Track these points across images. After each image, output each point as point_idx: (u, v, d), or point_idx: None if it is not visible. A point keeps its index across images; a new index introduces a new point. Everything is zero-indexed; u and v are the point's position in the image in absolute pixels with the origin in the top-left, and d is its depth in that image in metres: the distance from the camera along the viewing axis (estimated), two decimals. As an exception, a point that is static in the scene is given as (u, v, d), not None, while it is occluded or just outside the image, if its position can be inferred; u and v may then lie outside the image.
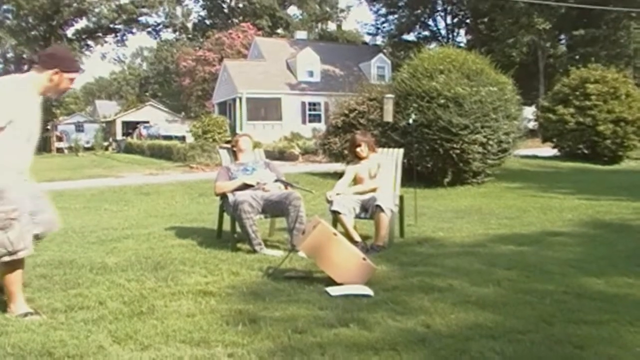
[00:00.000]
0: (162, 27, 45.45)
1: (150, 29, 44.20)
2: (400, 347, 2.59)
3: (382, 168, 5.43)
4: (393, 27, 39.80)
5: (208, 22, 49.90)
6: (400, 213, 5.54)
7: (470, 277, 3.87)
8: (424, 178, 10.53)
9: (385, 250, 4.78)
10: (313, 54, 32.59)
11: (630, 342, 2.67)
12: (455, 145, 10.48)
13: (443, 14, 39.85)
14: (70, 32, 41.15)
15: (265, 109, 30.33)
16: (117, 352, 2.59)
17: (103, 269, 4.04)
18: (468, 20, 39.27)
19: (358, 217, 5.18)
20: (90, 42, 42.43)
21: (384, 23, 40.46)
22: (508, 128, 11.06)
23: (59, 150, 37.00)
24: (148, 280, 3.86)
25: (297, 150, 19.77)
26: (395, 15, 39.28)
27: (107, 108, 49.18)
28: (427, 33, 40.25)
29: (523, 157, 15.00)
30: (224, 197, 5.23)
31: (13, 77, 3.26)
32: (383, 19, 40.32)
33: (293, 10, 50.90)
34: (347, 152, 6.23)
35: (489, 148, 10.80)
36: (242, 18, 45.42)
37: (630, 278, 3.82)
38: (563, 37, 34.84)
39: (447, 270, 4.08)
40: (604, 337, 2.71)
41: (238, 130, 25.91)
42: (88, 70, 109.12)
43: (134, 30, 43.42)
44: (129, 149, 29.57)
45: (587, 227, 6.25)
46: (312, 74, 32.42)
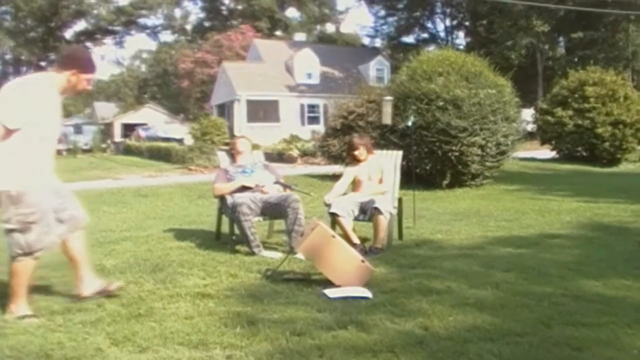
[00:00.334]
0: (160, 29, 45.68)
1: (149, 31, 44.45)
2: (399, 349, 2.59)
3: (385, 172, 5.43)
4: (392, 29, 39.90)
5: (207, 24, 49.93)
6: (399, 215, 5.55)
7: (469, 279, 3.88)
8: (423, 180, 10.53)
9: (384, 253, 4.79)
10: (312, 56, 32.59)
11: (628, 344, 2.68)
12: (454, 148, 10.48)
13: (442, 16, 39.95)
14: (69, 33, 41.28)
15: (264, 111, 30.31)
16: (115, 354, 2.59)
17: (101, 271, 4.04)
18: (467, 23, 39.33)
19: (356, 219, 5.18)
20: (89, 43, 42.47)
21: (383, 25, 40.60)
22: (507, 130, 11.06)
23: (58, 152, 36.46)
24: (146, 283, 3.86)
25: (295, 152, 19.75)
26: (394, 18, 39.35)
27: (105, 110, 49.12)
28: (426, 35, 40.39)
29: (521, 159, 14.99)
30: (223, 199, 5.23)
31: (30, 77, 3.27)
32: (382, 21, 40.45)
33: (292, 12, 51.01)
34: (345, 154, 6.23)
35: (488, 150, 10.80)
36: (241, 20, 45.45)
37: (629, 280, 3.82)
38: (562, 39, 34.92)
39: (445, 273, 4.08)
40: (602, 339, 2.72)
41: (237, 132, 25.88)
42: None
43: (133, 32, 43.72)
44: (128, 151, 29.54)
45: (585, 229, 6.25)
46: (310, 76, 32.41)
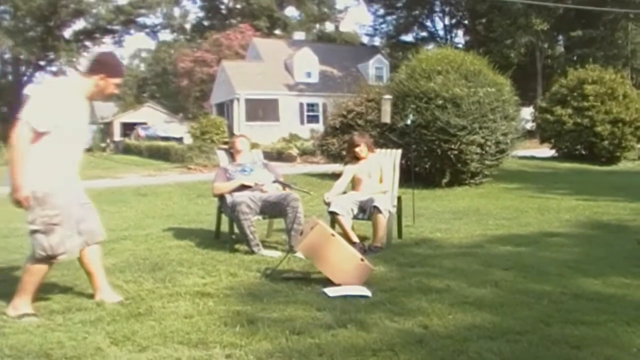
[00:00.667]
0: (160, 28, 45.54)
1: (148, 30, 44.30)
2: (398, 348, 2.59)
3: (385, 171, 5.43)
4: (391, 28, 39.91)
5: (206, 23, 49.85)
6: (398, 214, 5.55)
7: (468, 277, 3.89)
8: (422, 179, 10.53)
9: (383, 251, 4.79)
10: (311, 55, 32.57)
11: (627, 342, 2.68)
12: (453, 146, 10.48)
13: (441, 15, 39.98)
14: (68, 33, 41.19)
15: (263, 110, 30.30)
16: (114, 353, 2.59)
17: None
18: (466, 21, 39.34)
19: (356, 218, 5.18)
20: (88, 43, 42.39)
21: (382, 24, 40.63)
22: (506, 129, 11.05)
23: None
24: (146, 282, 3.86)
25: (295, 151, 19.74)
26: (393, 16, 39.36)
27: (105, 109, 49.01)
28: (425, 34, 40.42)
29: (521, 157, 15.00)
30: (222, 198, 5.23)
31: (60, 81, 3.38)
32: (381, 20, 40.48)
33: (291, 11, 50.94)
34: (345, 153, 6.23)
35: (487, 149, 10.80)
36: (240, 19, 45.39)
37: (628, 279, 3.83)
38: (561, 38, 34.93)
39: (444, 271, 4.09)
40: (601, 337, 2.72)
41: (236, 131, 25.88)
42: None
43: (132, 31, 43.54)
44: (127, 150, 29.52)
45: (584, 227, 6.26)
46: (310, 75, 32.40)
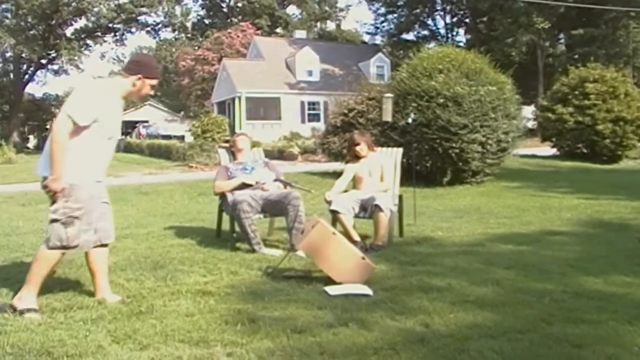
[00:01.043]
0: (161, 26, 45.25)
1: (150, 29, 44.00)
2: (399, 346, 2.59)
3: (386, 169, 5.43)
4: (392, 26, 39.79)
5: (207, 21, 49.80)
6: (400, 212, 5.55)
7: (469, 276, 3.88)
8: (423, 177, 10.53)
9: (384, 250, 4.79)
10: (312, 54, 32.56)
11: (629, 341, 2.67)
12: (455, 145, 10.47)
13: (442, 13, 39.88)
14: (69, 31, 41.03)
15: (265, 109, 30.32)
16: (116, 351, 2.59)
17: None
18: (467, 20, 39.25)
19: (357, 216, 5.18)
20: (90, 41, 42.27)
21: (383, 22, 40.48)
22: (507, 127, 11.04)
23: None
24: (147, 280, 3.86)
25: (296, 150, 19.74)
26: (395, 15, 39.27)
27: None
28: (426, 32, 40.27)
29: (522, 156, 14.99)
30: (223, 196, 5.23)
31: (100, 79, 3.50)
32: (382, 18, 40.33)
33: (292, 10, 50.87)
34: (346, 151, 6.22)
35: (488, 147, 10.79)
36: (241, 17, 45.34)
37: (629, 277, 3.82)
38: (562, 36, 34.87)
39: (446, 270, 4.08)
40: (603, 336, 2.72)
41: (237, 130, 25.89)
42: (87, 70, 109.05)
43: (133, 30, 43.22)
44: (128, 149, 29.51)
45: (586, 226, 6.25)
46: (311, 74, 32.39)
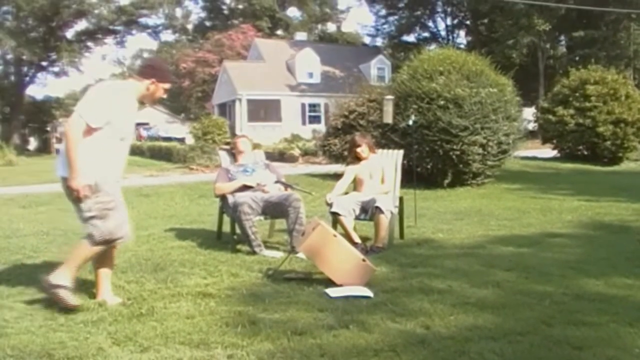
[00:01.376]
0: (161, 28, 45.44)
1: (150, 31, 44.17)
2: (400, 348, 2.59)
3: (387, 171, 5.43)
4: (393, 28, 39.86)
5: (208, 23, 49.86)
6: (400, 214, 5.55)
7: (470, 278, 3.88)
8: (424, 179, 10.53)
9: (385, 252, 4.79)
10: (313, 55, 32.59)
11: (630, 343, 2.67)
12: (455, 147, 10.47)
13: (443, 15, 39.93)
14: (70, 33, 41.14)
15: (265, 111, 30.33)
16: (116, 353, 2.59)
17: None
18: (468, 22, 39.31)
19: (358, 218, 5.18)
20: (90, 43, 42.39)
21: (384, 24, 40.55)
22: (508, 129, 11.04)
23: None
24: (148, 282, 3.86)
25: (297, 152, 19.74)
26: (395, 17, 39.32)
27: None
28: (427, 34, 40.35)
29: (523, 158, 14.98)
30: (224, 198, 5.24)
31: (114, 82, 3.56)
32: (383, 20, 40.40)
33: (293, 12, 50.92)
34: (347, 153, 6.23)
35: (489, 149, 10.79)
36: (241, 19, 45.41)
37: (630, 279, 3.82)
38: (563, 38, 34.92)
39: (446, 272, 4.08)
40: (603, 338, 2.72)
41: (238, 132, 25.90)
42: (88, 72, 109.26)
43: (134, 32, 43.43)
44: (129, 151, 29.53)
45: (586, 228, 6.25)
46: (312, 75, 32.41)
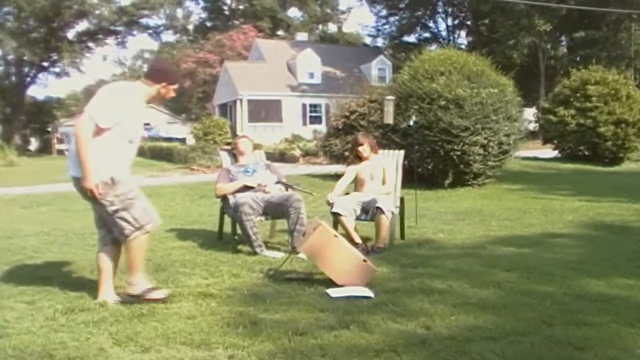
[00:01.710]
0: (162, 29, 45.49)
1: (151, 31, 44.23)
2: (401, 348, 2.59)
3: (388, 172, 5.43)
4: (394, 28, 39.84)
5: (209, 24, 49.87)
6: (401, 215, 5.55)
7: (471, 278, 3.88)
8: (425, 180, 10.53)
9: (386, 252, 4.79)
10: (314, 56, 32.58)
11: (631, 343, 2.67)
12: (456, 147, 10.47)
13: (444, 16, 39.91)
14: (71, 34, 41.19)
15: (266, 111, 30.33)
16: (117, 354, 2.59)
17: (104, 271, 4.03)
18: (469, 22, 39.30)
19: (358, 218, 5.18)
20: (91, 43, 42.45)
21: (385, 25, 40.53)
22: (509, 129, 11.04)
23: (60, 152, 36.99)
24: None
25: (297, 152, 19.74)
26: (396, 17, 39.30)
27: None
28: (427, 35, 40.34)
29: (524, 158, 14.98)
30: (225, 199, 5.24)
31: (123, 83, 3.58)
32: (384, 21, 40.37)
33: (294, 12, 50.90)
34: (348, 153, 6.22)
35: (490, 150, 10.79)
36: (242, 20, 45.42)
37: (631, 280, 3.82)
38: (564, 38, 34.89)
39: (447, 272, 4.08)
40: (605, 338, 2.71)
41: (239, 132, 25.90)
42: (89, 73, 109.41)
43: (135, 32, 43.48)
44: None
45: (587, 228, 6.25)
46: (312, 76, 32.40)
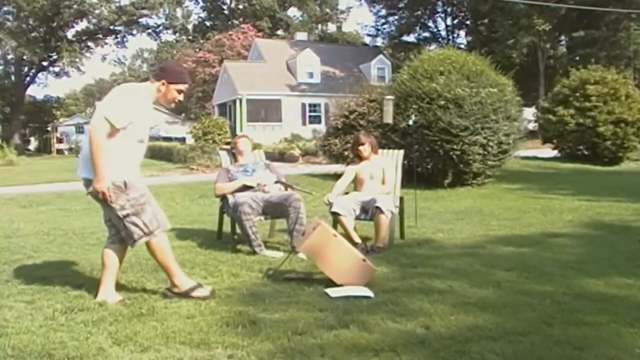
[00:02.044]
0: (162, 28, 45.39)
1: (151, 31, 44.12)
2: (400, 348, 2.59)
3: (387, 172, 5.43)
4: (393, 28, 39.82)
5: (208, 23, 49.84)
6: (401, 214, 5.55)
7: (470, 278, 3.88)
8: (424, 179, 10.53)
9: (385, 252, 4.79)
10: (313, 55, 32.57)
11: (630, 343, 2.67)
12: (456, 147, 10.47)
13: (443, 15, 39.89)
14: (71, 33, 41.15)
15: (266, 111, 30.33)
16: (117, 353, 2.59)
17: (103, 271, 4.03)
18: (468, 22, 39.27)
19: (358, 218, 5.18)
20: (91, 43, 42.38)
21: (384, 24, 40.50)
22: (508, 129, 11.05)
23: (59, 152, 37.03)
24: (148, 282, 3.86)
25: (297, 152, 19.75)
26: (395, 17, 39.29)
27: (107, 110, 48.99)
28: (427, 34, 40.30)
29: (523, 158, 15.00)
30: (224, 198, 5.24)
31: (135, 84, 3.63)
32: (383, 20, 40.35)
33: (293, 12, 50.87)
34: (347, 152, 6.23)
35: (489, 149, 10.79)
36: (242, 19, 45.41)
37: (630, 279, 3.82)
38: (563, 38, 34.89)
39: (447, 272, 4.08)
40: (604, 338, 2.71)
41: (238, 132, 25.89)
42: (88, 72, 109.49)
43: (134, 32, 43.33)
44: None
45: (587, 228, 6.25)
46: (312, 75, 32.40)
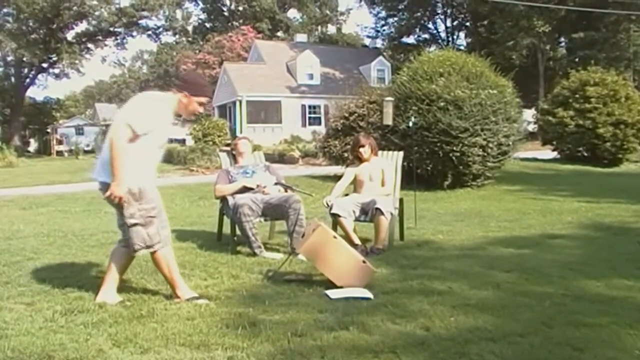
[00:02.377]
0: (162, 30, 45.35)
1: (151, 32, 44.10)
2: (400, 350, 2.59)
3: (387, 173, 5.43)
4: (393, 30, 39.83)
5: (208, 25, 49.87)
6: (400, 216, 5.55)
7: (470, 279, 3.88)
8: (424, 181, 10.53)
9: (385, 253, 4.80)
10: (313, 57, 32.58)
11: (630, 344, 2.67)
12: (455, 148, 10.48)
13: (443, 17, 39.93)
14: (71, 35, 41.11)
15: (265, 112, 30.33)
16: (116, 355, 2.59)
17: (103, 272, 4.03)
18: (468, 23, 39.31)
19: (358, 220, 5.19)
20: (91, 45, 42.36)
21: (384, 26, 40.50)
22: (508, 131, 11.05)
23: (59, 153, 36.98)
24: (148, 284, 3.87)
25: (297, 153, 19.76)
26: (395, 18, 39.30)
27: (107, 111, 49.06)
28: (427, 36, 40.34)
29: (523, 159, 15.00)
30: (224, 200, 5.24)
31: (159, 93, 3.68)
32: (383, 22, 40.35)
33: (293, 14, 50.91)
34: (347, 154, 6.23)
35: (489, 151, 10.80)
36: (242, 21, 45.44)
37: (630, 281, 3.82)
38: (563, 39, 34.89)
39: (446, 273, 4.08)
40: (604, 339, 2.72)
41: (238, 133, 25.90)
42: (88, 74, 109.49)
43: (134, 34, 43.30)
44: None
45: (586, 229, 6.25)
46: (312, 77, 32.41)
